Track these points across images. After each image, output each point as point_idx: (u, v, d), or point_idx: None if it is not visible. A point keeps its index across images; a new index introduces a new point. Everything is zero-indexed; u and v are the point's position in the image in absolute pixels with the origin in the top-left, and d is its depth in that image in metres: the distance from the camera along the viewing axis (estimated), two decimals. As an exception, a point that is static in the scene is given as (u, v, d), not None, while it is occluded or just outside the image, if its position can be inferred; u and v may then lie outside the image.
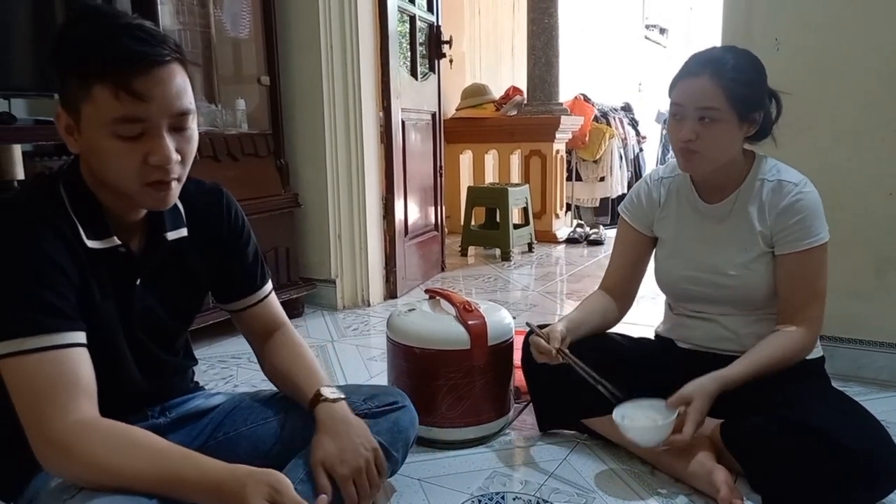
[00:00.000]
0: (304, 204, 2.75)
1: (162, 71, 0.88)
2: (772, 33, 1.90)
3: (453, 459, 1.55)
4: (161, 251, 1.06)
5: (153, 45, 0.87)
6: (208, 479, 0.88)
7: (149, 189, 0.93)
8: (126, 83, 0.85)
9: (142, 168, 0.90)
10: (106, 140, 0.88)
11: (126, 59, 0.85)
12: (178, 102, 0.90)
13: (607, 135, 5.39)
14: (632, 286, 1.67)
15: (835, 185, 1.85)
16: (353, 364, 2.19)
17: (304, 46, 2.66)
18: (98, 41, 0.86)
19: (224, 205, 1.16)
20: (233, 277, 1.20)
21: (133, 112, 0.87)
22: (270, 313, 1.25)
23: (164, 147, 0.90)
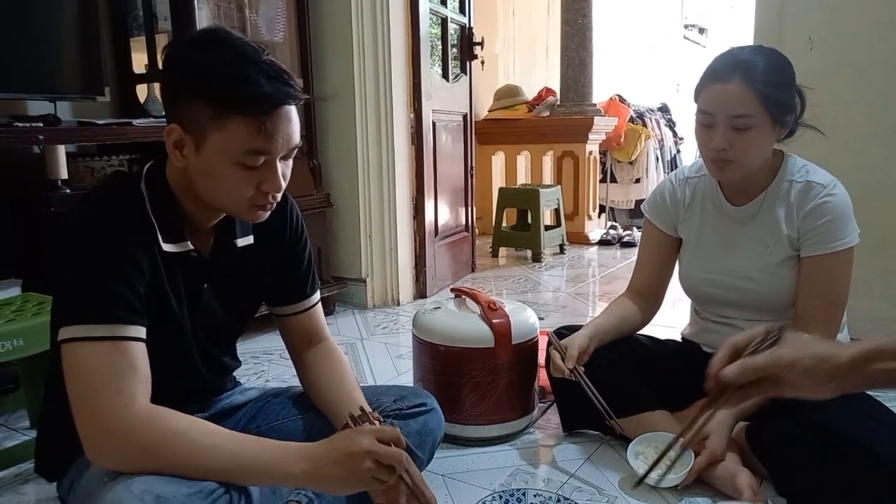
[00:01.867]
0: (335, 204, 2.80)
1: (291, 108, 0.95)
2: (805, 32, 1.87)
3: (477, 456, 1.56)
4: (229, 257, 1.11)
5: (288, 84, 0.93)
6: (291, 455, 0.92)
7: (253, 209, 1.00)
8: (267, 121, 0.91)
9: (253, 193, 0.97)
10: (227, 166, 0.94)
11: (270, 99, 0.91)
12: (295, 138, 0.98)
13: (643, 136, 5.33)
14: (659, 288, 1.66)
15: (871, 185, 1.82)
16: (381, 361, 2.23)
17: (336, 49, 2.71)
18: (238, 76, 0.90)
19: (288, 211, 1.20)
20: (286, 282, 1.22)
21: (264, 146, 0.93)
22: (314, 324, 1.26)
23: (279, 178, 0.97)
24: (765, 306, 1.49)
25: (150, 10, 2.19)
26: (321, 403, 1.18)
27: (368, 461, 0.91)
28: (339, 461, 0.91)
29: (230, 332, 1.21)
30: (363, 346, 2.40)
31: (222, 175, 0.95)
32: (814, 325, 1.39)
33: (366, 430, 0.96)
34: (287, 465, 0.92)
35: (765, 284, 1.47)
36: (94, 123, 1.88)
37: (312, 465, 0.91)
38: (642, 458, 1.42)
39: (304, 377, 1.24)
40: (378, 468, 0.92)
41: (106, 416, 0.88)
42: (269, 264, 1.18)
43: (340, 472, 0.91)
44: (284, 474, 0.92)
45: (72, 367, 0.90)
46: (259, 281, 1.18)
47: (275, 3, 2.55)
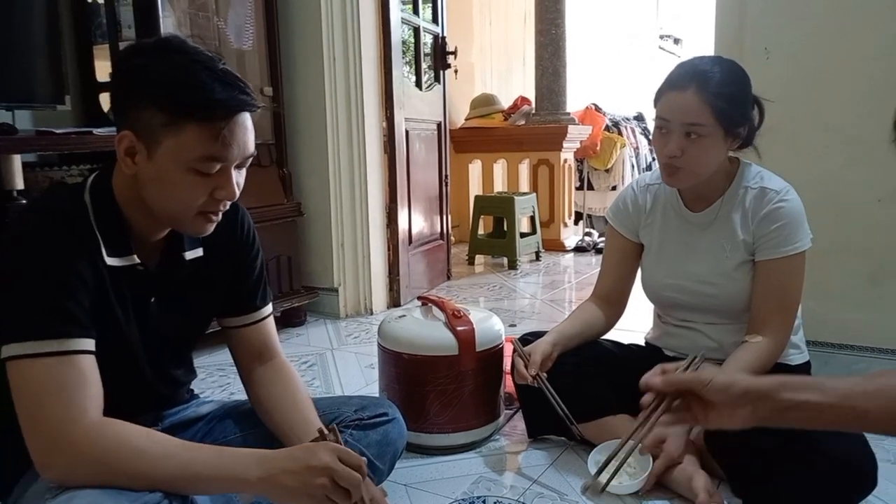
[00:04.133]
0: (306, 213, 2.79)
1: (246, 116, 0.96)
2: (762, 42, 1.90)
3: (441, 465, 1.56)
4: (177, 271, 1.10)
5: (244, 91, 0.94)
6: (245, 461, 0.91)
7: (200, 218, 0.99)
8: (223, 128, 0.92)
9: (206, 200, 0.97)
10: (181, 172, 0.93)
11: (225, 106, 0.92)
12: (251, 146, 0.98)
13: (619, 144, 5.38)
14: (623, 293, 1.68)
15: (827, 191, 1.85)
16: (350, 371, 2.22)
17: (307, 57, 2.71)
18: (194, 83, 0.91)
19: (239, 220, 1.18)
20: (236, 292, 1.20)
21: (220, 153, 0.93)
22: (265, 337, 1.22)
23: (233, 184, 0.97)
24: (723, 309, 1.51)
25: (114, 17, 2.17)
26: (271, 424, 1.15)
27: (324, 478, 0.90)
28: (295, 472, 0.90)
29: (182, 346, 1.19)
30: (333, 356, 2.39)
31: (175, 181, 0.94)
32: (768, 326, 1.42)
33: (331, 447, 0.94)
34: (241, 472, 0.91)
35: (723, 288, 1.49)
36: (52, 132, 1.85)
37: (267, 473, 0.90)
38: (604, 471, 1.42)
39: (254, 395, 1.20)
40: (333, 488, 0.90)
41: (56, 429, 0.86)
42: (219, 275, 1.16)
43: (294, 483, 0.90)
44: (238, 481, 0.91)
45: (19, 383, 0.88)
46: (210, 294, 1.16)
47: (243, 11, 2.55)
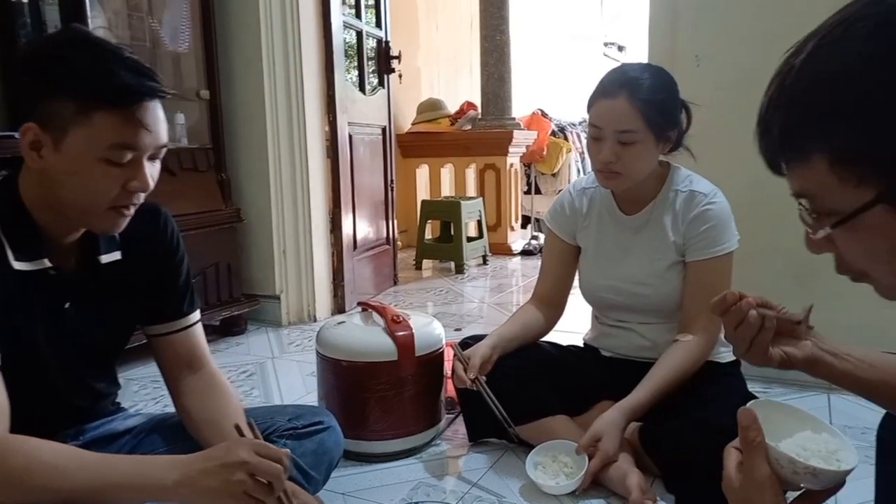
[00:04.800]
0: (246, 219, 2.73)
1: (157, 104, 0.95)
2: (693, 49, 1.96)
3: (380, 472, 1.55)
4: (94, 274, 1.06)
5: (152, 78, 0.94)
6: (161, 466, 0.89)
7: (112, 213, 0.96)
8: (133, 114, 0.91)
9: (118, 193, 0.94)
10: (91, 162, 0.91)
11: (136, 92, 0.91)
12: (164, 135, 0.98)
13: (564, 149, 5.47)
14: (562, 295, 1.70)
15: (755, 194, 1.90)
16: (291, 380, 2.18)
17: (246, 60, 2.66)
18: (103, 70, 0.90)
19: (161, 223, 1.15)
20: (160, 299, 1.16)
21: (132, 140, 0.92)
22: (193, 346, 1.19)
23: (146, 175, 0.95)
24: (656, 309, 1.55)
25: (39, 17, 2.09)
26: (200, 436, 1.11)
27: (242, 474, 0.87)
28: (213, 472, 0.88)
29: (101, 355, 1.14)
30: (274, 364, 2.34)
31: (85, 173, 0.92)
32: (698, 325, 1.46)
33: (247, 442, 0.92)
34: (158, 477, 0.88)
35: (656, 289, 1.52)
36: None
37: (184, 476, 0.88)
38: (541, 468, 1.44)
39: (181, 407, 1.16)
40: (253, 484, 0.88)
41: None
42: (140, 280, 1.13)
43: (213, 482, 0.87)
44: (156, 486, 0.88)
45: None
46: (130, 300, 1.13)
47: (179, 12, 2.49)
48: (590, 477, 1.38)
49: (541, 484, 1.40)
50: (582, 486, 1.38)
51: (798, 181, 0.62)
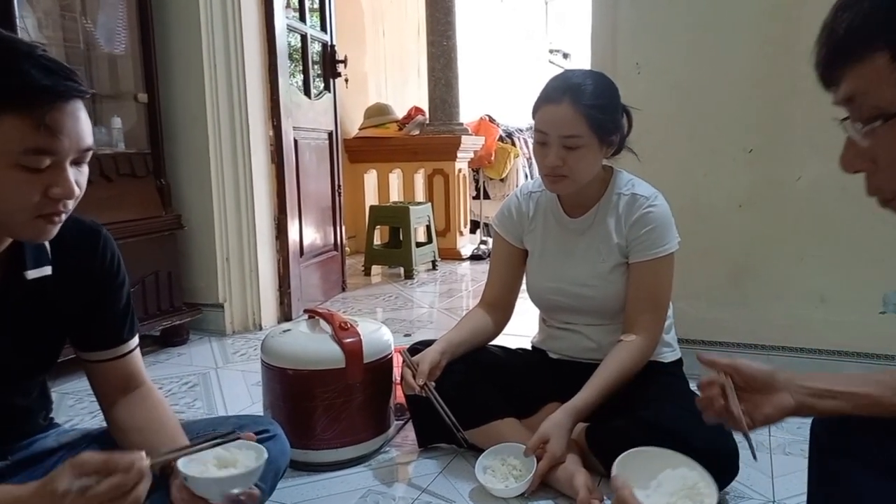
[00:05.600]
0: (188, 225, 2.65)
1: (76, 105, 0.88)
2: (634, 57, 2.01)
3: (329, 481, 1.52)
4: (18, 290, 0.99)
5: (66, 77, 0.86)
6: None
7: (38, 221, 0.89)
8: (45, 116, 0.84)
9: (40, 200, 0.87)
10: (6, 170, 0.84)
11: (47, 92, 0.84)
12: (86, 138, 0.90)
13: (512, 154, 5.53)
14: (510, 298, 1.72)
15: (692, 198, 1.98)
16: (235, 390, 2.13)
17: (185, 63, 2.59)
18: (12, 70, 0.83)
19: (100, 246, 1.09)
20: (97, 325, 1.11)
21: (47, 144, 0.85)
22: (131, 370, 1.14)
23: (69, 181, 0.88)
24: (601, 311, 1.58)
25: None
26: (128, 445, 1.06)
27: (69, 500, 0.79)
28: None
29: (25, 374, 1.08)
30: (218, 375, 2.28)
31: (1, 181, 0.85)
32: (641, 325, 1.49)
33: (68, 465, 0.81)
34: None
35: (600, 290, 1.55)
36: None
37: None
38: (490, 471, 1.45)
39: (114, 423, 1.12)
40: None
41: None
42: (72, 302, 1.07)
43: None
44: None
45: None
46: (60, 320, 1.07)
47: (114, 13, 2.40)
48: (538, 479, 1.40)
49: (490, 488, 1.41)
50: (530, 488, 1.40)
51: (853, 82, 0.66)
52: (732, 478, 1.35)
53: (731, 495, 1.40)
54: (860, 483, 0.82)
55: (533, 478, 1.39)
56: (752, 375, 0.92)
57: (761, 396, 0.91)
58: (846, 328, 1.92)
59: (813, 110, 1.87)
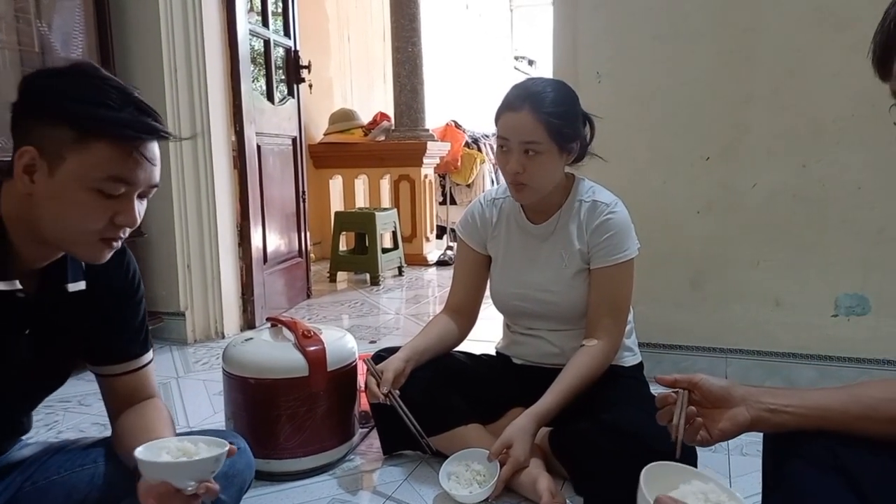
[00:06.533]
0: (147, 233, 2.61)
1: (156, 145, 0.96)
2: (594, 66, 2.05)
3: (292, 490, 1.51)
4: (57, 302, 1.02)
5: (157, 119, 0.95)
6: None
7: (99, 244, 0.96)
8: (135, 149, 0.92)
9: (106, 225, 0.94)
10: (83, 192, 0.91)
11: (140, 128, 0.92)
12: (157, 175, 0.98)
13: (478, 160, 5.56)
14: (474, 304, 1.73)
15: (652, 205, 2.02)
16: (197, 400, 2.09)
17: (145, 68, 2.55)
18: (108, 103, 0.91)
19: (125, 263, 1.12)
20: (114, 340, 1.13)
21: (128, 175, 0.92)
22: (143, 385, 1.17)
23: (135, 211, 0.95)
24: (564, 316, 1.59)
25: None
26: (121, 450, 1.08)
27: None
28: None
29: (43, 388, 1.10)
30: (179, 384, 2.24)
31: (75, 201, 0.91)
32: (602, 329, 1.52)
33: None
34: None
35: (563, 296, 1.57)
36: None
37: None
38: (454, 478, 1.45)
39: (115, 432, 1.14)
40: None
41: None
42: (98, 316, 1.09)
43: None
44: None
45: None
46: (85, 334, 1.09)
47: (70, 17, 2.35)
48: (502, 483, 1.40)
49: (454, 494, 1.41)
50: (494, 493, 1.40)
51: None
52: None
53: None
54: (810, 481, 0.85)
55: (497, 483, 1.39)
56: (709, 390, 0.94)
57: (718, 411, 0.93)
58: (800, 330, 1.98)
59: (768, 119, 1.94)
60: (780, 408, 0.90)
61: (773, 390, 0.94)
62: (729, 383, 0.95)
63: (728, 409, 0.93)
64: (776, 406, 0.91)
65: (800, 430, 0.89)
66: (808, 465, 0.86)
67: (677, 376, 0.96)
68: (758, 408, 0.91)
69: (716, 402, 0.94)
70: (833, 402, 0.89)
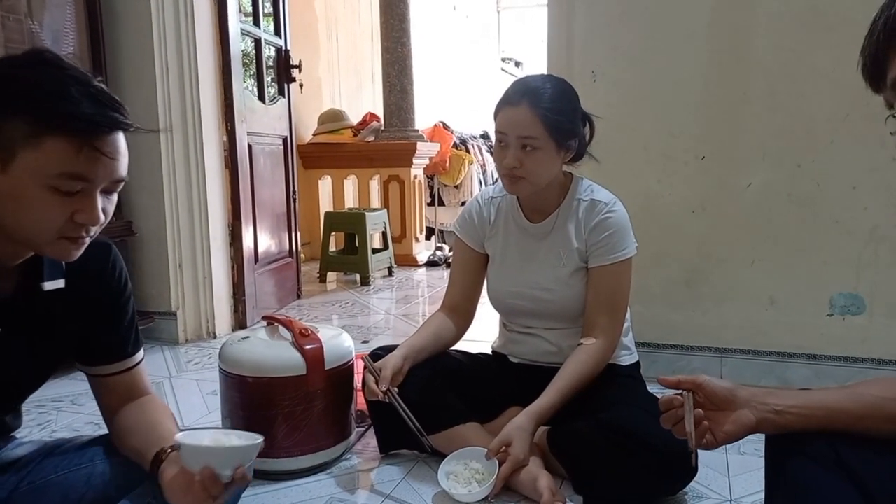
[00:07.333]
0: (139, 232, 2.58)
1: (117, 136, 0.90)
2: (589, 66, 2.05)
3: (290, 489, 1.50)
4: (33, 301, 0.99)
5: (115, 109, 0.89)
6: None
7: (63, 241, 0.91)
8: (90, 143, 0.86)
9: (65, 223, 0.89)
10: (38, 189, 0.86)
11: (92, 121, 0.87)
12: (121, 169, 0.92)
13: (466, 161, 5.56)
14: (471, 303, 1.72)
15: (647, 204, 2.03)
16: (191, 400, 2.07)
17: (137, 67, 2.52)
18: (62, 95, 0.85)
19: (110, 262, 1.09)
20: (103, 340, 1.11)
21: (83, 171, 0.87)
22: (136, 383, 1.15)
23: (96, 209, 0.90)
24: (561, 315, 1.60)
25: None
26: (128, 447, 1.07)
27: None
28: None
29: (24, 389, 1.07)
30: (172, 384, 2.22)
31: (30, 199, 0.86)
32: (600, 328, 1.52)
33: None
34: None
35: (560, 294, 1.57)
36: None
37: None
38: (453, 477, 1.45)
39: (114, 432, 1.13)
40: None
41: None
42: (82, 315, 1.06)
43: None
44: None
45: None
46: (67, 333, 1.06)
47: (62, 15, 2.32)
48: (501, 482, 1.40)
49: (453, 493, 1.41)
50: (493, 491, 1.40)
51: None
52: (691, 478, 1.38)
53: (690, 495, 1.44)
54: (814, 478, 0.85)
55: (496, 481, 1.39)
56: (713, 392, 0.93)
57: (723, 413, 0.93)
58: (795, 330, 2.00)
59: (763, 119, 1.96)
60: (786, 409, 0.90)
61: (776, 391, 0.94)
62: (732, 385, 0.95)
63: (732, 410, 0.92)
64: (781, 407, 0.90)
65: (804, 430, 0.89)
66: (812, 462, 0.86)
67: (681, 377, 0.95)
68: (763, 409, 0.91)
69: (720, 404, 0.93)
70: (837, 402, 0.89)
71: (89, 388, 1.16)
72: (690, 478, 1.37)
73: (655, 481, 1.33)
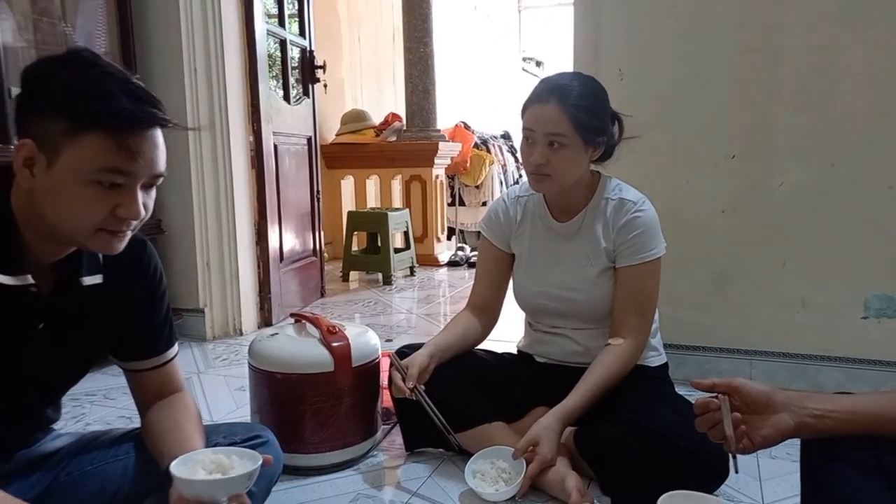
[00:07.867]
0: (168, 230, 2.62)
1: (156, 132, 0.93)
2: (616, 63, 2.04)
3: (318, 485, 1.51)
4: (72, 296, 1.02)
5: (153, 105, 0.91)
6: None
7: (104, 235, 0.93)
8: (128, 139, 0.88)
9: (107, 217, 0.91)
10: (79, 185, 0.89)
11: (131, 117, 0.89)
12: (160, 164, 0.95)
13: (487, 161, 5.55)
14: (497, 302, 1.72)
15: (675, 205, 2.01)
16: (220, 395, 2.10)
17: (166, 68, 2.56)
18: (101, 93, 0.88)
19: (145, 258, 1.12)
20: (138, 336, 1.13)
21: (124, 166, 0.89)
22: (170, 379, 1.17)
23: (137, 203, 0.92)
24: (588, 315, 1.59)
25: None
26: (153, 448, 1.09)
27: None
28: None
29: (62, 383, 1.10)
30: (200, 380, 2.25)
31: (72, 195, 0.89)
32: (628, 329, 1.51)
33: None
34: None
35: (587, 294, 1.56)
36: None
37: None
38: (479, 476, 1.45)
39: (144, 427, 1.15)
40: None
41: None
42: (118, 311, 1.08)
43: None
44: None
45: None
46: (104, 329, 1.08)
47: (94, 17, 2.36)
48: (528, 482, 1.40)
49: (480, 492, 1.41)
50: (521, 491, 1.40)
51: None
52: (722, 481, 1.36)
53: (721, 499, 1.42)
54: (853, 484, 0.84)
55: (523, 481, 1.39)
56: (749, 395, 0.92)
57: (760, 417, 0.91)
58: (828, 332, 1.96)
59: (795, 117, 1.93)
60: (825, 413, 0.89)
61: (813, 395, 0.92)
62: (770, 388, 0.93)
63: (769, 415, 0.91)
64: (821, 411, 0.89)
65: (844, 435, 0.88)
66: (850, 467, 0.85)
67: (715, 380, 0.94)
68: (802, 413, 0.89)
69: (756, 408, 0.92)
70: (878, 407, 0.88)
71: (121, 383, 1.18)
72: (722, 480, 1.36)
73: (684, 483, 1.31)
